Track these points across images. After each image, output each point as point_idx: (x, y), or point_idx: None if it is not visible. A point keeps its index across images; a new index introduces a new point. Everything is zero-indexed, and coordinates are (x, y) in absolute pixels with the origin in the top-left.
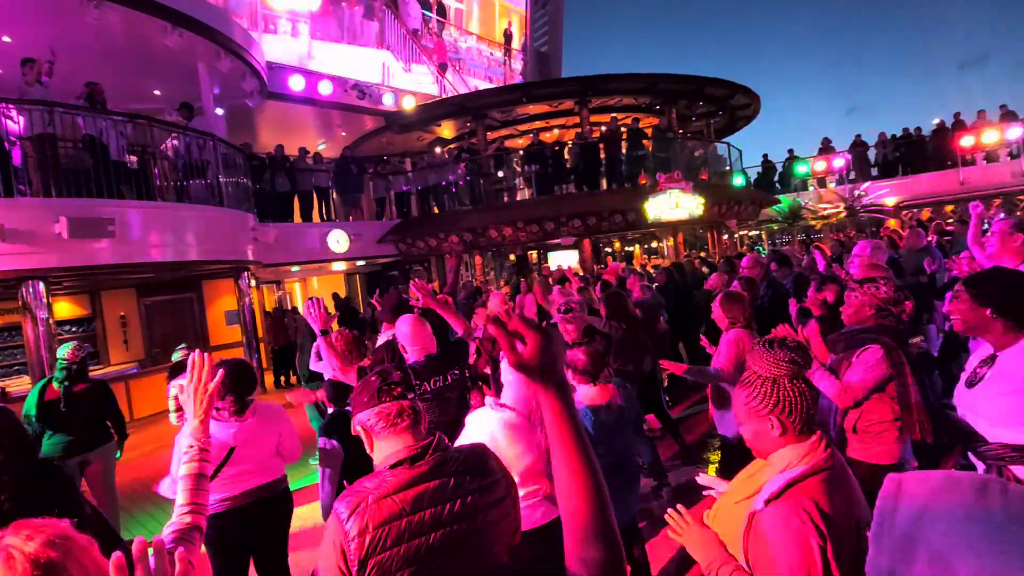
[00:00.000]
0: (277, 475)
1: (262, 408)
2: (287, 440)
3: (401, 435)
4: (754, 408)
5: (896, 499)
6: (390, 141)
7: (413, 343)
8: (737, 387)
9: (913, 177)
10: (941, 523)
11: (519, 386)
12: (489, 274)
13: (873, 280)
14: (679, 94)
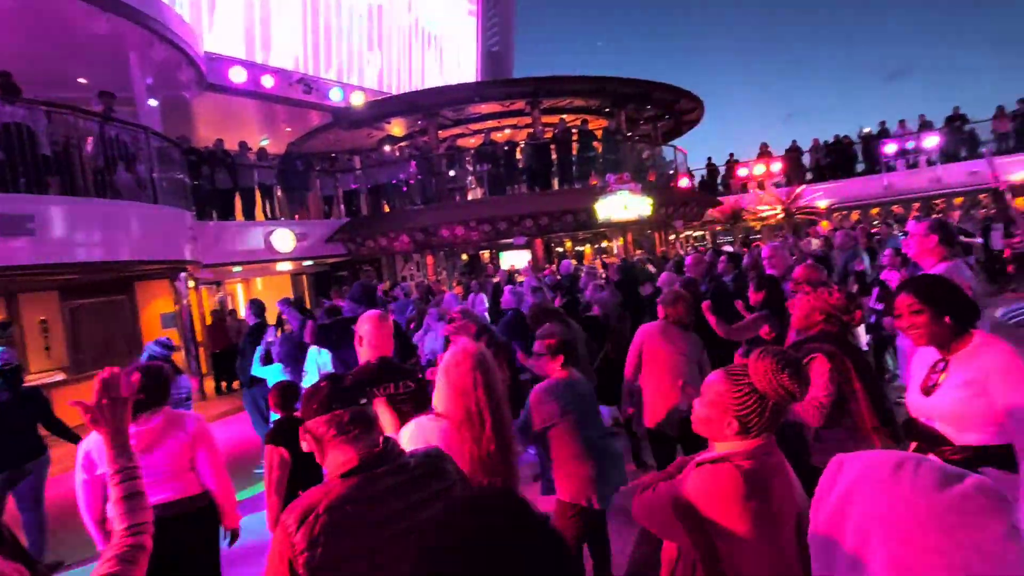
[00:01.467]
0: (192, 491)
1: (173, 417)
2: (204, 456)
3: (353, 443)
4: (725, 403)
5: (835, 476)
6: (338, 138)
7: (370, 343)
8: (723, 375)
9: (843, 181)
10: (863, 497)
11: (450, 397)
12: (441, 274)
13: (827, 284)
14: (628, 97)
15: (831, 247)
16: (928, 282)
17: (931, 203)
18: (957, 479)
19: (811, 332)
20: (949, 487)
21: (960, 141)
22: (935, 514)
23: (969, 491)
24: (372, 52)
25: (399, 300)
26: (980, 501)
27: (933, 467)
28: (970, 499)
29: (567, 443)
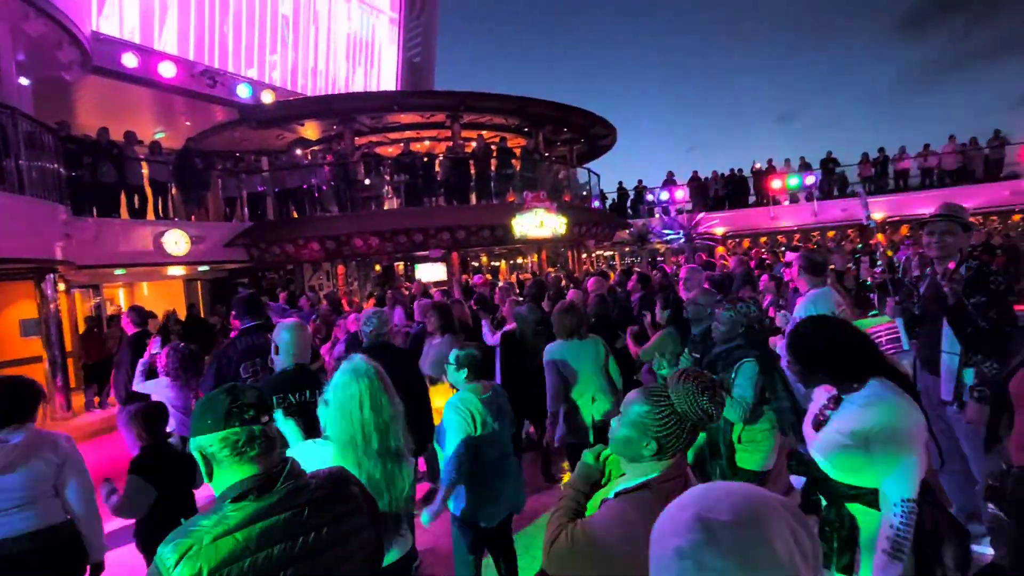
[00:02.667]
0: (54, 521)
1: (40, 436)
2: (74, 482)
3: (249, 464)
4: (645, 425)
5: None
6: (245, 137)
7: (287, 350)
8: (642, 396)
9: (737, 211)
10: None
11: (337, 417)
12: (353, 284)
13: (744, 300)
14: (546, 119)
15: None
16: (799, 341)
17: (810, 235)
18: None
19: (734, 342)
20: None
21: (833, 181)
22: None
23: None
24: (287, 51)
25: (303, 311)
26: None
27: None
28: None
29: (469, 461)
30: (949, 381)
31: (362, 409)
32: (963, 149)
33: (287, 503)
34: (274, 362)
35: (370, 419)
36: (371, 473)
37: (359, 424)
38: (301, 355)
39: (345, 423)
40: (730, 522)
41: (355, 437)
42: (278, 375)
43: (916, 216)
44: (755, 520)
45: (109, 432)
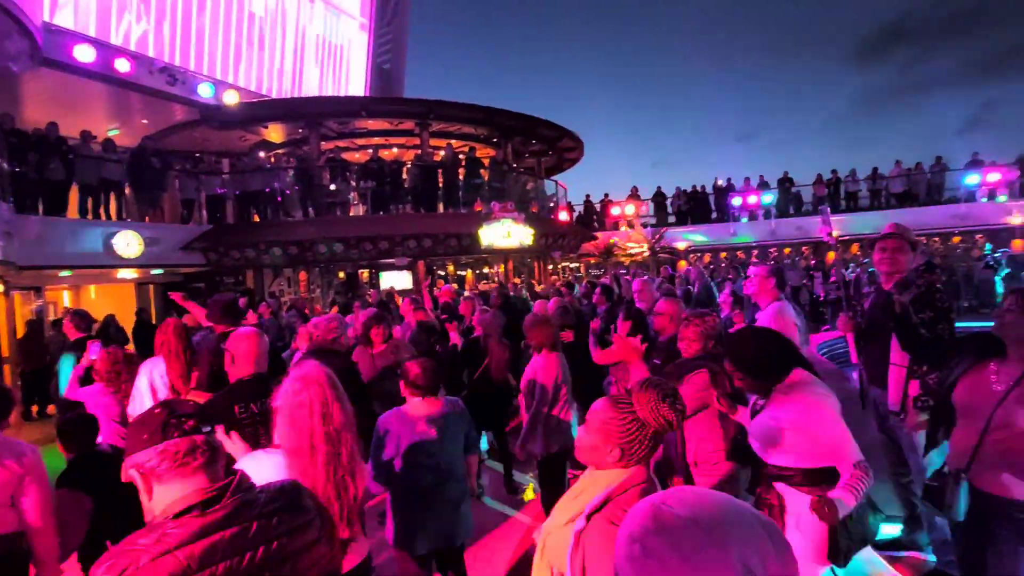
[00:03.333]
0: (5, 530)
1: (3, 443)
2: (34, 493)
3: (192, 477)
4: (610, 431)
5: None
6: (205, 137)
7: (244, 359)
8: (609, 404)
9: (698, 226)
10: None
11: (288, 424)
12: (315, 291)
13: (705, 314)
14: (515, 130)
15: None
16: (731, 350)
17: (767, 251)
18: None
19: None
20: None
21: (789, 200)
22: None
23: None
24: (252, 51)
25: (264, 318)
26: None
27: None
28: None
29: (396, 484)
30: (896, 392)
31: (311, 416)
32: (908, 173)
33: (234, 518)
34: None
35: (319, 427)
36: (321, 482)
37: (308, 431)
38: (259, 364)
39: (294, 431)
40: (684, 516)
41: (303, 445)
42: (236, 384)
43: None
44: (714, 523)
45: (46, 444)
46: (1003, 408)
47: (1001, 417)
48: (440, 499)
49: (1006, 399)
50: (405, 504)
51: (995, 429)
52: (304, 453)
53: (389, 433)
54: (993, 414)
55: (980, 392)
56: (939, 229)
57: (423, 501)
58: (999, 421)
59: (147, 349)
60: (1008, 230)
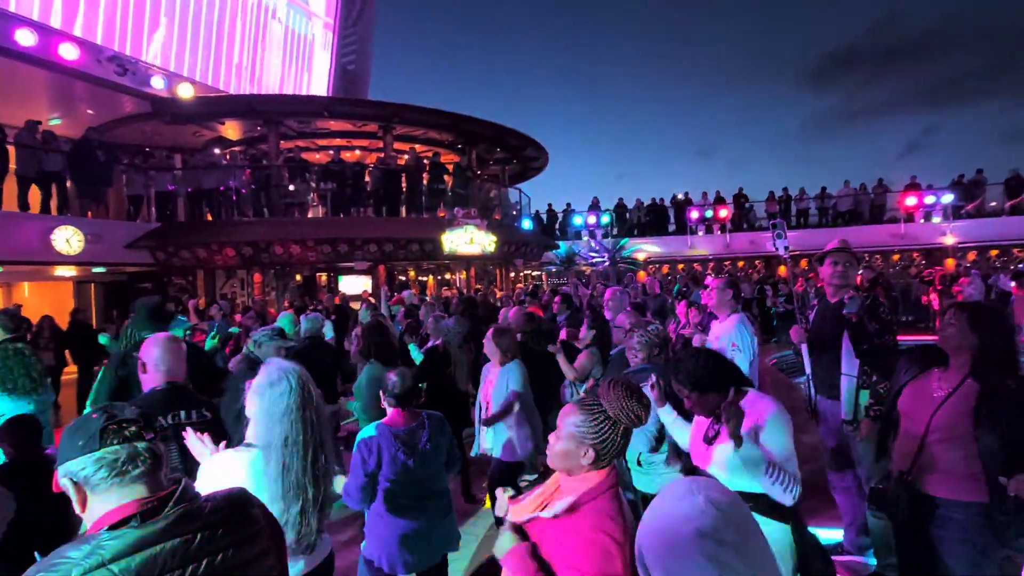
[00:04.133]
0: None
1: None
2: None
3: (131, 486)
4: (582, 433)
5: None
6: (157, 131)
7: (157, 367)
8: (577, 408)
9: (657, 239)
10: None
11: (263, 421)
12: (270, 294)
13: (648, 324)
14: (480, 137)
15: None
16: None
17: (722, 264)
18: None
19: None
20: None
21: (743, 215)
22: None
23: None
24: (210, 45)
25: (214, 320)
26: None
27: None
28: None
29: (377, 498)
30: (849, 402)
31: (292, 405)
32: (854, 193)
33: (176, 529)
34: (142, 381)
35: (298, 417)
36: (298, 473)
37: (289, 422)
38: (174, 372)
39: (273, 423)
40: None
41: (284, 436)
42: (147, 395)
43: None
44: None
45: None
46: (941, 413)
47: (939, 422)
48: (424, 516)
49: (944, 405)
50: (385, 521)
51: (933, 433)
52: (284, 444)
53: (369, 447)
54: (932, 419)
55: (922, 399)
56: (880, 247)
57: (404, 516)
58: (937, 425)
59: (84, 353)
60: (941, 249)
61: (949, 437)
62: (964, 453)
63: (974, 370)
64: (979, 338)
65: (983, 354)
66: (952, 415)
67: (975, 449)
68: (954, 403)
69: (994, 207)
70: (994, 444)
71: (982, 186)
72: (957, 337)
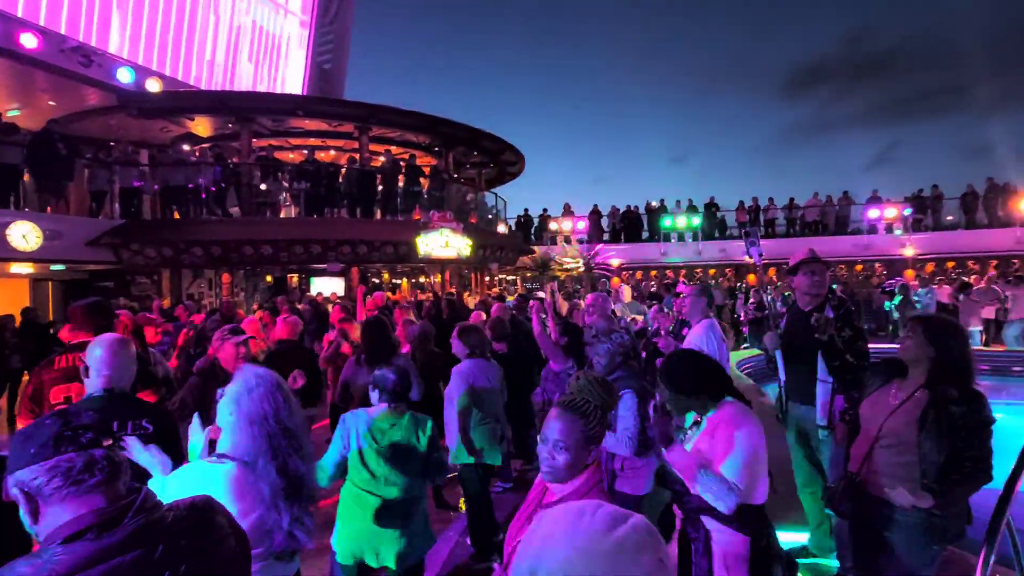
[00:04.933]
0: None
1: None
2: None
3: (87, 496)
4: (593, 435)
5: (535, 528)
6: (122, 125)
7: (99, 371)
8: (571, 415)
9: (631, 245)
10: (552, 548)
11: (241, 430)
12: (239, 295)
13: (613, 331)
14: (457, 140)
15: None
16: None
17: (693, 271)
18: (623, 520)
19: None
20: (615, 528)
21: (714, 224)
22: (606, 554)
23: (629, 530)
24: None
25: (180, 321)
26: (636, 538)
27: (606, 512)
28: (631, 536)
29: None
30: (824, 407)
31: (268, 412)
32: (820, 204)
33: (136, 540)
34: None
35: (276, 423)
36: (275, 479)
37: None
38: (117, 378)
39: (249, 429)
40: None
41: (262, 443)
42: (78, 404)
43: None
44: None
45: None
46: (892, 419)
47: (888, 428)
48: (399, 512)
49: (895, 412)
50: (357, 515)
51: (883, 438)
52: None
53: (349, 435)
54: (883, 425)
55: (879, 406)
56: (845, 257)
57: (375, 514)
58: (887, 431)
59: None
60: (902, 260)
61: (897, 443)
62: (909, 458)
63: (929, 380)
64: (935, 350)
65: (939, 365)
66: (901, 422)
67: (916, 454)
68: (904, 411)
69: (951, 221)
70: (933, 451)
71: (939, 201)
72: (914, 349)
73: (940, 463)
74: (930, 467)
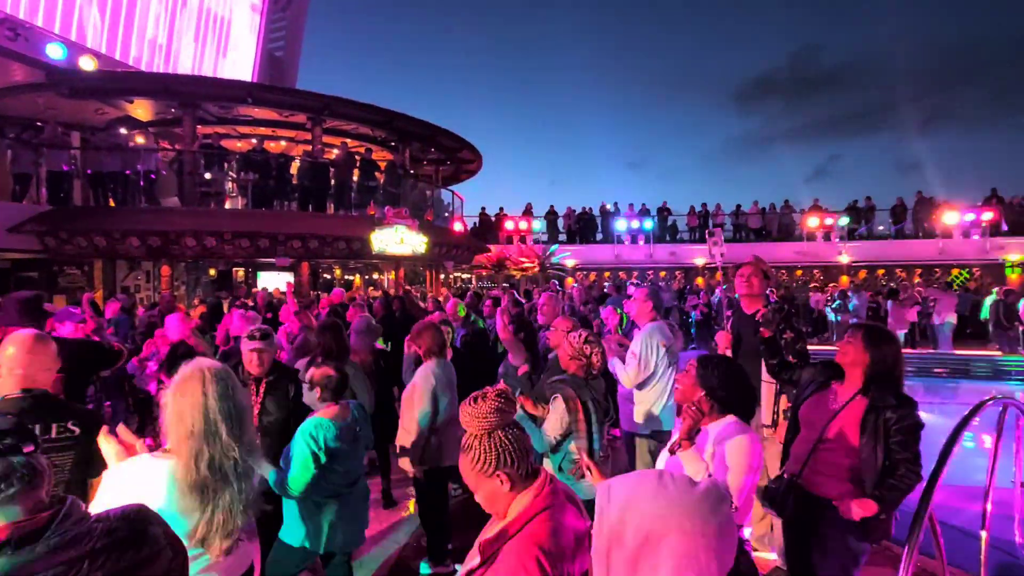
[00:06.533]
0: None
1: None
2: None
3: (3, 508)
4: (481, 471)
5: (607, 498)
6: (52, 105)
7: (12, 370)
8: (461, 456)
9: (586, 246)
10: (640, 506)
11: (173, 421)
12: (179, 288)
13: (576, 330)
14: (414, 136)
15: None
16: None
17: (645, 273)
18: (696, 482)
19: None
20: (696, 486)
21: (665, 228)
22: (695, 504)
23: (710, 486)
24: (119, 15)
25: (116, 316)
26: (716, 492)
27: (682, 476)
28: (712, 491)
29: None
30: (768, 407)
31: (207, 395)
32: (763, 212)
33: (59, 554)
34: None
35: (216, 405)
36: (220, 461)
37: (202, 410)
38: (30, 377)
39: (186, 414)
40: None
41: (197, 426)
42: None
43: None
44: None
45: None
46: (834, 423)
47: (831, 430)
48: (353, 499)
49: (837, 415)
50: (318, 507)
51: (825, 440)
52: (203, 435)
53: (318, 442)
54: (826, 427)
55: (820, 409)
56: (785, 263)
57: (337, 501)
58: (829, 434)
59: None
60: (838, 267)
61: (838, 446)
62: (849, 461)
63: (865, 385)
64: (871, 356)
65: (873, 370)
66: (843, 425)
67: (857, 457)
68: (845, 415)
69: (882, 231)
70: (871, 454)
71: (872, 211)
72: (852, 354)
73: (879, 467)
74: (869, 470)
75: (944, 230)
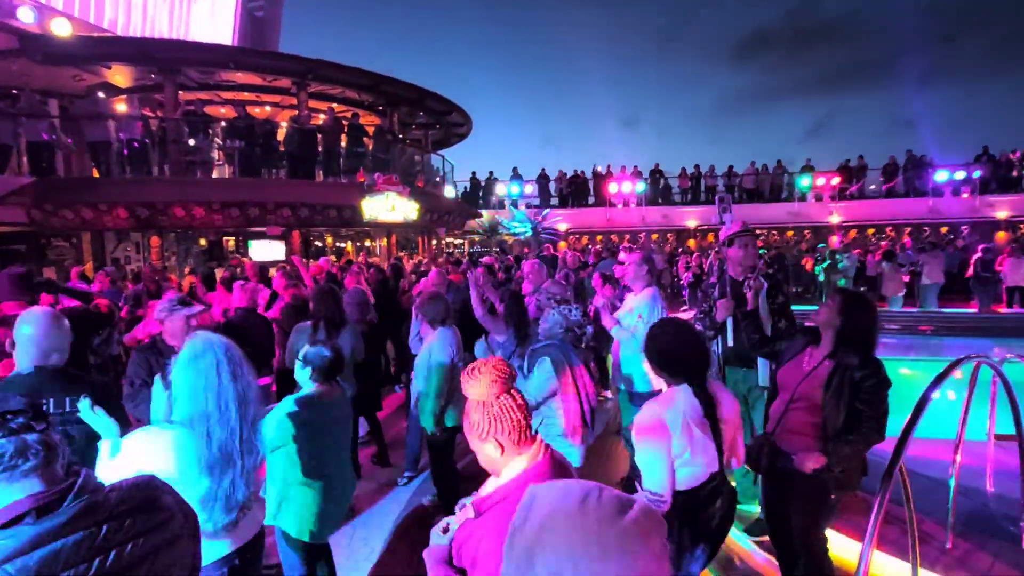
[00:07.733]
0: None
1: None
2: None
3: (21, 482)
4: (477, 435)
5: (528, 510)
6: (25, 71)
7: (29, 348)
8: (464, 420)
9: (578, 210)
10: (557, 531)
11: (191, 396)
12: (170, 259)
13: (567, 301)
14: (402, 100)
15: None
16: (656, 330)
17: (637, 236)
18: (629, 505)
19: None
20: (624, 513)
21: (658, 191)
22: (619, 536)
23: (639, 515)
24: None
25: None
26: (647, 523)
27: (611, 495)
28: (641, 521)
29: (293, 466)
30: (764, 369)
31: (220, 376)
32: (756, 173)
33: (79, 522)
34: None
35: (229, 387)
36: (225, 442)
37: (216, 392)
38: (45, 355)
39: (200, 394)
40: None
41: (211, 407)
42: (11, 382)
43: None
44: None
45: None
46: (805, 383)
47: (802, 390)
48: (340, 484)
49: (808, 376)
50: (311, 492)
51: (796, 400)
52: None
53: (300, 422)
54: (797, 388)
55: (794, 371)
56: (777, 224)
57: (329, 483)
58: (800, 393)
59: None
60: (829, 227)
61: (807, 405)
62: (815, 419)
63: (834, 349)
64: (842, 321)
65: (843, 334)
66: (812, 386)
67: (822, 415)
68: (815, 375)
69: (873, 190)
70: (834, 412)
71: (863, 171)
72: (826, 316)
73: (840, 422)
74: (831, 425)
75: (934, 187)
